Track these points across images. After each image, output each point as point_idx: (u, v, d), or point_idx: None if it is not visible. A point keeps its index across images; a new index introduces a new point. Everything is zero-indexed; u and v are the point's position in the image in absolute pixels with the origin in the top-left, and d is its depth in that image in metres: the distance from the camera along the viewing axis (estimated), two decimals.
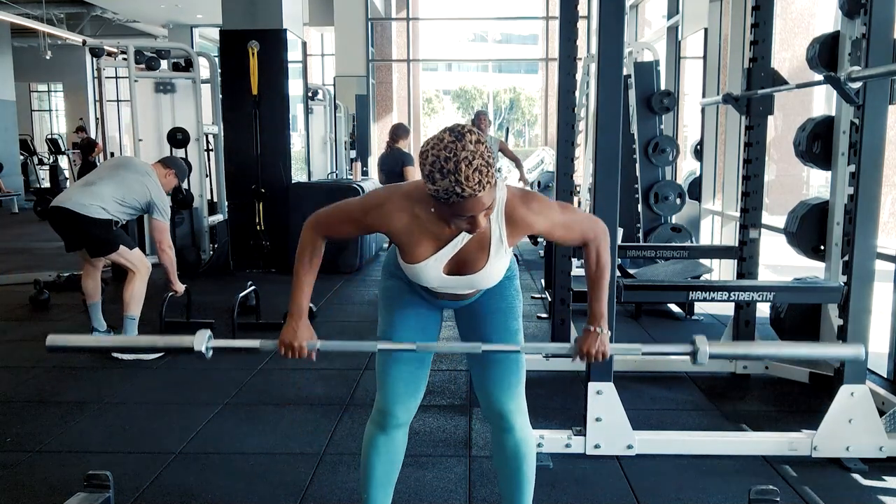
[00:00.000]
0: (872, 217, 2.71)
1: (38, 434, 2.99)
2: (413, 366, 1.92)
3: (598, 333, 1.77)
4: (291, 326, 1.80)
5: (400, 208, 1.69)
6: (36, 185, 14.85)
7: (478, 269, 1.75)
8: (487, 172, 1.49)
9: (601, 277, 1.79)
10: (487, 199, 1.53)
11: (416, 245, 1.73)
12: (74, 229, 3.92)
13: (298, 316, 1.80)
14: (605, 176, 2.62)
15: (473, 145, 1.49)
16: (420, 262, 1.75)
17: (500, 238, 1.72)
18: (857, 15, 2.98)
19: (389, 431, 1.94)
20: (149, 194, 3.98)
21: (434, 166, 1.49)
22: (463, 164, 1.47)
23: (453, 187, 1.48)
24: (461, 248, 1.73)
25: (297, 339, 1.78)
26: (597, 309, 1.78)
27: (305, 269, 1.80)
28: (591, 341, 1.77)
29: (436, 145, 1.50)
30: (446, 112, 35.91)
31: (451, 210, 1.54)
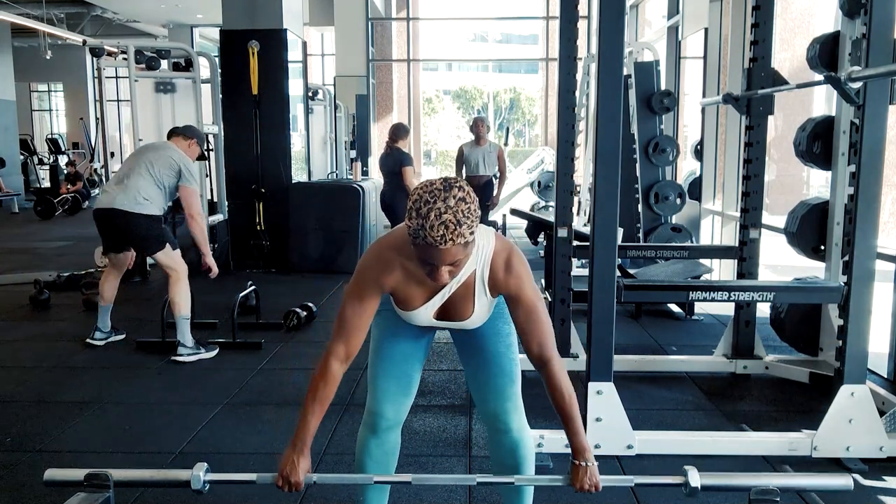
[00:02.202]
0: (872, 217, 2.71)
1: (38, 434, 2.99)
2: (404, 365, 1.93)
3: (586, 468, 1.74)
4: (292, 459, 1.72)
5: (389, 265, 1.73)
6: (36, 185, 14.87)
7: (465, 316, 1.81)
8: (455, 230, 1.50)
9: (572, 407, 1.75)
10: (451, 254, 1.54)
11: (408, 294, 1.78)
12: (124, 229, 3.94)
13: (300, 449, 1.73)
14: (605, 176, 2.62)
15: (454, 201, 1.51)
16: (411, 311, 1.81)
17: (484, 288, 1.76)
18: (857, 15, 2.98)
19: (381, 434, 1.95)
20: (176, 164, 3.99)
21: (414, 205, 1.53)
22: (433, 214, 1.49)
23: (419, 231, 1.51)
24: (449, 296, 1.78)
25: (295, 474, 1.72)
26: (577, 444, 1.74)
27: (315, 401, 1.74)
28: (583, 477, 1.74)
29: (425, 187, 1.55)
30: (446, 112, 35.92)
31: (419, 252, 1.57)
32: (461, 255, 1.56)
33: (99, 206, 4.00)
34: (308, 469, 1.75)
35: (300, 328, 4.68)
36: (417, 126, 17.54)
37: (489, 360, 1.91)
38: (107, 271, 4.24)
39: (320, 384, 1.74)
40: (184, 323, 3.99)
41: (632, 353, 3.97)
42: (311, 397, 1.74)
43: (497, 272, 1.74)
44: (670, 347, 4.34)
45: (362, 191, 6.91)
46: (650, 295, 3.78)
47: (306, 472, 1.75)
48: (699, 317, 5.04)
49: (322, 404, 1.74)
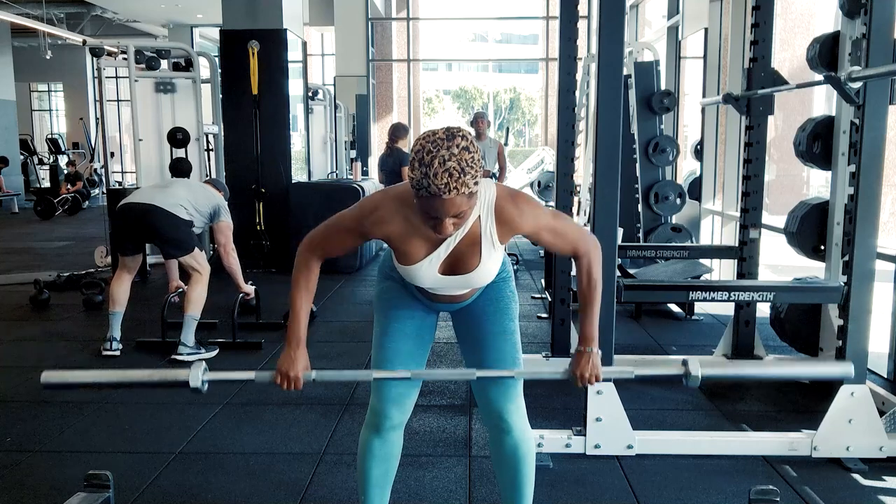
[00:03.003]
0: (872, 217, 2.71)
1: (38, 434, 2.99)
2: (407, 363, 1.91)
3: (589, 354, 1.76)
4: (289, 355, 1.76)
5: (392, 212, 1.70)
6: (36, 185, 14.86)
7: (471, 268, 1.77)
8: (459, 178, 1.48)
9: (593, 295, 1.77)
10: (455, 205, 1.52)
11: (410, 248, 1.74)
12: (158, 226, 3.96)
13: (296, 344, 1.76)
14: (605, 176, 2.62)
15: (458, 150, 1.49)
16: (415, 264, 1.76)
17: (491, 236, 1.73)
18: (857, 15, 2.98)
19: (384, 434, 1.94)
20: (215, 199, 4.24)
21: (416, 155, 1.51)
22: (436, 162, 1.48)
23: (422, 180, 1.49)
24: (454, 248, 1.74)
25: (293, 368, 1.75)
26: (588, 330, 1.76)
27: (301, 293, 1.78)
28: (584, 364, 1.76)
29: (427, 137, 1.53)
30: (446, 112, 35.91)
31: (422, 205, 1.55)
32: (465, 206, 1.54)
33: (132, 201, 4.02)
34: (306, 365, 1.77)
35: None
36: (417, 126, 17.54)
37: (493, 360, 1.90)
38: (119, 274, 4.17)
39: (303, 277, 1.78)
40: (192, 322, 4.00)
41: (632, 352, 3.97)
42: (297, 291, 1.78)
43: (508, 216, 1.71)
44: (670, 347, 4.34)
45: (362, 191, 6.90)
46: (650, 295, 3.78)
47: (305, 369, 1.77)
48: (699, 317, 5.04)
49: (309, 295, 1.80)
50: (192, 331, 4.01)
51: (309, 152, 8.98)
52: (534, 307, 5.34)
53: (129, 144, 11.55)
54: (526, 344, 4.12)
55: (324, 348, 4.26)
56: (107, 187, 7.13)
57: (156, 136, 6.75)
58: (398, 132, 6.06)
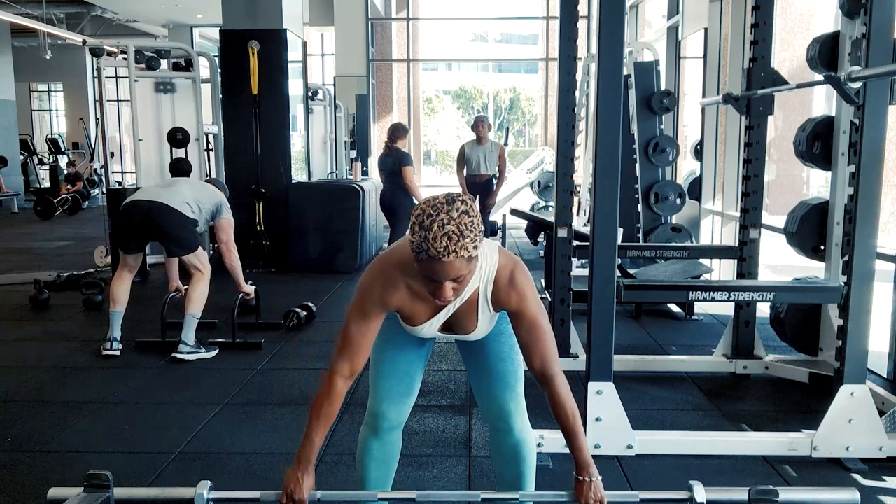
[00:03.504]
0: (872, 217, 2.71)
1: (38, 434, 2.99)
2: (406, 366, 1.93)
3: (590, 482, 1.74)
4: (296, 476, 1.72)
5: (393, 284, 1.71)
6: (36, 185, 14.86)
7: (469, 330, 1.82)
8: (458, 242, 1.48)
9: (575, 422, 1.74)
10: (455, 269, 1.52)
11: (413, 313, 1.77)
12: (163, 223, 3.96)
13: (304, 467, 1.72)
14: (605, 176, 2.62)
15: (457, 213, 1.50)
16: (416, 326, 1.81)
17: (487, 303, 1.76)
18: (857, 15, 2.98)
19: (382, 435, 1.95)
20: (217, 197, 4.26)
21: (416, 219, 1.52)
22: (435, 225, 1.49)
23: (422, 243, 1.50)
24: (453, 312, 1.78)
25: (298, 491, 1.72)
26: (581, 458, 1.74)
27: (319, 418, 1.73)
28: (587, 493, 1.73)
29: (428, 202, 1.55)
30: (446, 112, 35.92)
31: (422, 268, 1.56)
32: (464, 270, 1.54)
33: (136, 198, 4.03)
34: (312, 487, 1.74)
35: (300, 328, 4.68)
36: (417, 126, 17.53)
37: (492, 360, 1.91)
38: (119, 273, 4.15)
39: (325, 402, 1.72)
40: (192, 321, 4.01)
41: (632, 353, 3.97)
42: (316, 415, 1.72)
43: (500, 287, 1.73)
44: (670, 347, 4.34)
45: (362, 191, 6.91)
46: (650, 295, 3.78)
47: (310, 490, 1.74)
48: (699, 317, 5.04)
49: (326, 422, 1.73)
50: (193, 330, 4.01)
51: (309, 152, 8.97)
52: None
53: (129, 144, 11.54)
54: None
55: (323, 348, 4.26)
56: (107, 187, 7.13)
57: (156, 136, 6.74)
58: (397, 132, 6.05)
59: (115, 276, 4.22)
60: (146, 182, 6.39)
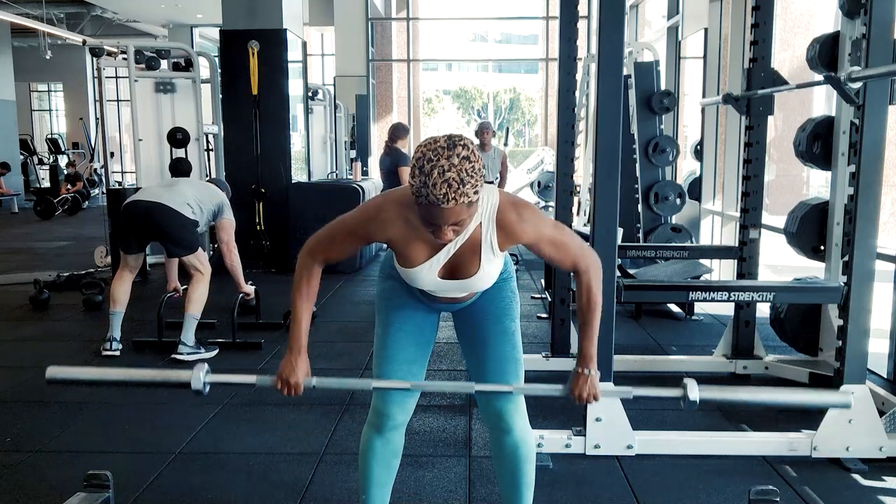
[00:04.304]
0: (872, 217, 2.71)
1: (38, 434, 2.99)
2: (409, 364, 1.92)
3: (587, 376, 1.75)
4: (290, 361, 1.76)
5: (394, 215, 1.70)
6: (36, 185, 14.86)
7: (471, 273, 1.77)
8: (458, 189, 1.48)
9: (592, 314, 1.76)
10: (455, 214, 1.51)
11: (411, 250, 1.74)
12: (163, 224, 3.96)
13: (298, 351, 1.76)
14: (605, 176, 2.62)
15: (458, 159, 1.48)
16: (415, 267, 1.76)
17: (491, 243, 1.73)
18: (857, 15, 2.98)
19: (386, 434, 1.94)
20: (219, 197, 4.26)
21: (417, 163, 1.51)
22: (436, 171, 1.47)
23: (421, 188, 1.49)
24: (454, 252, 1.74)
25: (294, 375, 1.74)
26: (586, 350, 1.75)
27: (303, 299, 1.77)
28: (582, 385, 1.76)
29: (428, 144, 1.52)
30: (446, 112, 35.92)
31: (421, 212, 1.55)
32: (465, 215, 1.54)
33: (137, 198, 4.03)
34: (307, 371, 1.77)
35: None
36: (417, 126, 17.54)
37: (493, 359, 1.90)
38: (120, 274, 4.15)
39: (305, 282, 1.77)
40: (192, 322, 4.01)
41: (632, 353, 3.97)
42: (299, 296, 1.77)
43: (509, 225, 1.70)
44: (670, 347, 4.34)
45: (362, 191, 6.91)
46: (650, 295, 3.78)
47: (305, 375, 1.76)
48: (699, 317, 5.04)
49: (310, 301, 1.79)
50: (193, 330, 4.01)
51: (309, 152, 8.98)
52: (534, 307, 5.34)
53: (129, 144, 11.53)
54: (526, 344, 4.10)
55: (324, 348, 4.26)
56: (107, 187, 7.13)
57: (156, 136, 6.75)
58: (398, 132, 6.06)
59: (115, 276, 4.22)
60: (146, 182, 6.40)
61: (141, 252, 4.18)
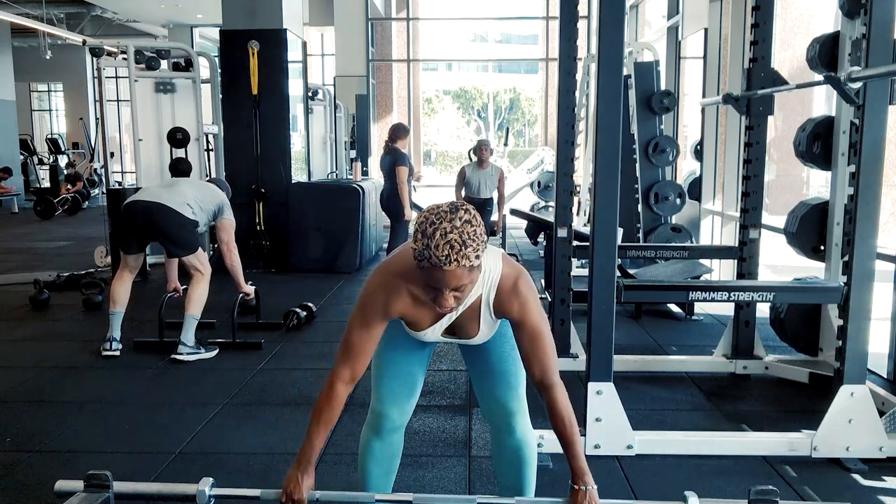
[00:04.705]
0: (872, 217, 2.71)
1: (38, 434, 2.99)
2: (409, 365, 1.93)
3: (585, 491, 1.74)
4: (296, 476, 1.74)
5: (396, 293, 1.72)
6: (36, 185, 14.85)
7: (471, 335, 1.83)
8: (460, 251, 1.49)
9: (573, 433, 1.73)
10: (456, 277, 1.52)
11: (417, 319, 1.78)
12: (163, 224, 3.95)
13: (304, 467, 1.75)
14: (605, 176, 2.62)
15: (460, 223, 1.51)
16: (420, 331, 1.82)
17: (490, 310, 1.77)
18: (857, 15, 2.98)
19: (385, 435, 1.95)
20: (219, 197, 4.26)
21: (419, 227, 1.53)
22: (438, 234, 1.49)
23: (424, 251, 1.51)
24: (456, 318, 1.79)
25: (298, 491, 1.74)
26: (577, 466, 1.74)
27: (320, 424, 1.75)
28: (582, 500, 1.73)
29: (432, 210, 1.55)
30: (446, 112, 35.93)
31: (423, 276, 1.56)
32: (466, 280, 1.54)
33: (137, 198, 4.03)
34: (311, 487, 1.76)
35: (300, 328, 4.68)
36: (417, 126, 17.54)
37: (494, 361, 1.91)
38: (120, 274, 4.15)
39: (325, 407, 1.75)
40: (192, 322, 4.01)
41: (632, 353, 3.97)
42: (316, 419, 1.74)
43: (503, 296, 1.73)
44: (670, 347, 4.34)
45: (362, 191, 6.91)
46: (650, 295, 3.78)
47: (309, 489, 1.76)
48: (699, 317, 5.04)
49: (327, 426, 1.75)
50: (193, 330, 4.01)
51: (309, 152, 8.97)
52: None
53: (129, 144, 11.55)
54: None
55: (323, 348, 4.26)
56: (107, 187, 7.13)
57: (156, 136, 6.74)
58: (398, 132, 6.06)
59: (115, 276, 4.22)
60: (146, 182, 6.40)
61: (141, 252, 4.18)
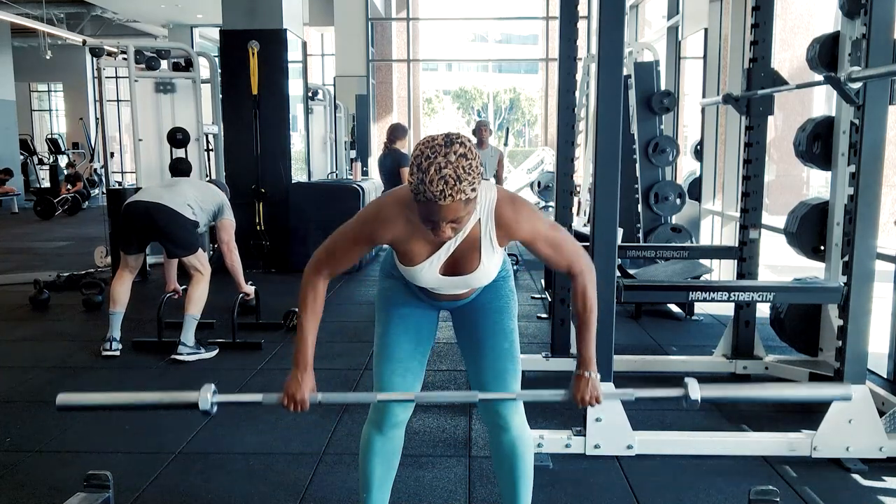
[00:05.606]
0: (872, 217, 2.71)
1: (38, 434, 2.99)
2: (410, 362, 1.93)
3: (588, 378, 1.76)
4: (296, 378, 1.76)
5: (395, 214, 1.71)
6: (36, 185, 14.85)
7: (471, 269, 1.78)
8: (455, 185, 1.48)
9: (589, 318, 1.77)
10: (452, 211, 1.52)
11: (411, 249, 1.75)
12: (164, 224, 3.95)
13: (303, 367, 1.77)
14: (605, 176, 2.62)
15: (455, 157, 1.49)
16: (416, 265, 1.77)
17: (490, 239, 1.74)
18: (857, 15, 2.98)
19: (386, 432, 1.95)
20: (219, 197, 4.26)
21: (415, 161, 1.52)
22: (432, 169, 1.48)
23: (419, 185, 1.50)
24: (454, 249, 1.75)
25: (299, 391, 1.75)
26: (585, 353, 1.77)
27: (308, 316, 1.78)
28: (584, 388, 1.76)
29: (426, 142, 1.53)
30: (446, 112, 35.92)
31: (420, 209, 1.56)
32: (462, 212, 1.55)
33: (138, 199, 4.03)
34: (313, 387, 1.78)
35: None
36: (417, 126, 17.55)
37: (491, 357, 1.91)
38: (120, 274, 4.15)
39: (311, 299, 1.78)
40: (192, 322, 4.01)
41: (632, 353, 3.97)
42: (305, 313, 1.78)
43: (506, 221, 1.72)
44: (670, 347, 4.34)
45: (362, 191, 6.91)
46: (650, 295, 3.78)
47: (311, 391, 1.77)
48: (699, 317, 5.04)
49: (316, 317, 1.80)
50: (192, 331, 4.01)
51: (309, 152, 8.98)
52: (534, 307, 5.34)
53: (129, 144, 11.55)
54: (526, 344, 4.11)
55: (324, 348, 4.26)
56: (107, 187, 7.13)
57: (156, 136, 6.75)
58: (396, 133, 6.05)
59: (115, 276, 4.22)
60: (146, 182, 6.40)
61: (141, 252, 4.18)
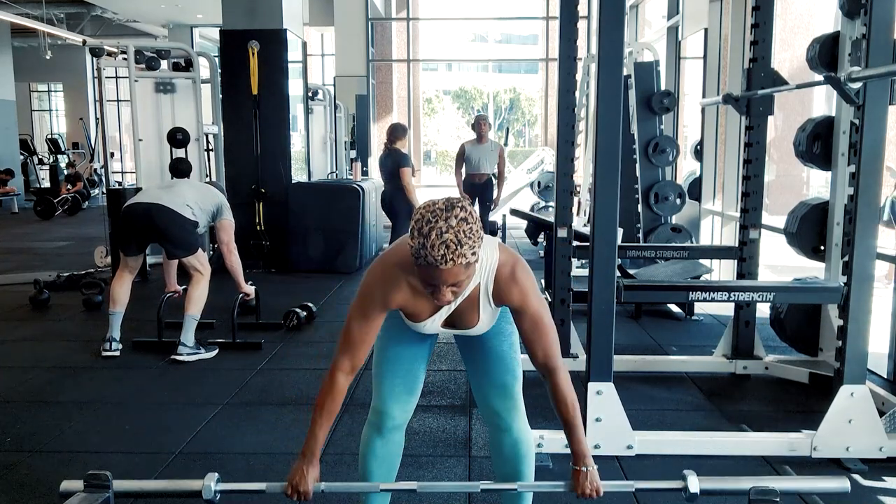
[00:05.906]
0: (872, 217, 2.71)
1: (38, 434, 2.99)
2: (410, 364, 1.94)
3: (587, 472, 1.75)
4: (301, 469, 1.74)
5: (395, 283, 1.72)
6: (36, 185, 14.85)
7: (471, 325, 1.83)
8: (456, 250, 1.49)
9: (575, 416, 1.76)
10: (453, 275, 1.53)
11: (415, 310, 1.78)
12: (163, 225, 3.95)
13: (309, 459, 1.75)
14: (605, 176, 2.62)
15: (456, 221, 1.50)
16: (419, 322, 1.82)
17: (489, 299, 1.77)
18: (857, 15, 2.98)
19: (386, 434, 1.95)
20: (218, 198, 4.26)
21: (416, 224, 1.53)
22: (434, 233, 1.49)
23: (420, 250, 1.51)
24: (455, 308, 1.79)
25: (303, 483, 1.73)
26: (578, 449, 1.76)
27: (323, 416, 1.76)
28: (584, 482, 1.75)
29: (428, 206, 1.55)
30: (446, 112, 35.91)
31: (421, 273, 1.57)
32: (463, 276, 1.56)
33: (137, 200, 4.04)
34: (317, 478, 1.76)
35: (300, 328, 4.68)
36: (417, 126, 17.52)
37: (491, 358, 1.92)
38: (120, 274, 4.15)
39: (328, 398, 1.76)
40: (192, 322, 4.01)
41: (632, 353, 3.97)
42: (319, 410, 1.76)
43: (501, 284, 1.74)
44: (670, 347, 4.34)
45: (362, 191, 6.91)
46: (650, 295, 3.77)
47: (315, 482, 1.76)
48: (699, 317, 5.04)
49: (330, 417, 1.76)
50: (192, 331, 4.01)
51: (309, 152, 8.97)
52: None
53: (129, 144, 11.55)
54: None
55: (323, 348, 4.26)
56: (107, 187, 7.13)
57: (156, 136, 6.75)
58: (396, 132, 6.05)
59: (115, 276, 4.22)
60: (146, 182, 6.40)
61: (141, 253, 4.18)
